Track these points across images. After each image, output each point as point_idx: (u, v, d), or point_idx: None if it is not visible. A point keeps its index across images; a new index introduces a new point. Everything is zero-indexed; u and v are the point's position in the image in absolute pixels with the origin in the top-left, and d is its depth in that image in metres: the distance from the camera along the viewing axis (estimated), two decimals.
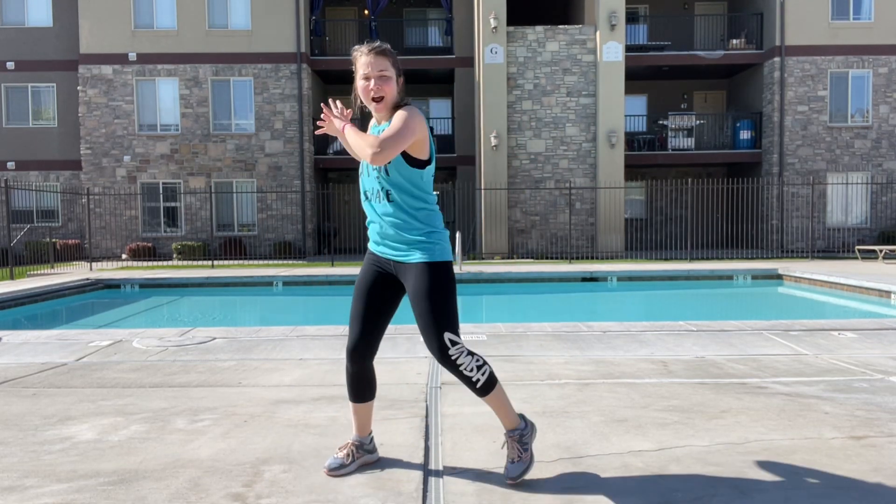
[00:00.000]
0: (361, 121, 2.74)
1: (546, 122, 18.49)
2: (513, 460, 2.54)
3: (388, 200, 2.51)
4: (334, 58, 20.24)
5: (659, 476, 2.59)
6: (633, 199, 21.88)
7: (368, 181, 2.57)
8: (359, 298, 2.61)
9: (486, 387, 2.52)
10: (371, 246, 2.65)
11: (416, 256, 2.50)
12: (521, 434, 2.58)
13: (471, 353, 2.50)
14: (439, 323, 2.45)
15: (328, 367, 4.62)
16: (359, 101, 2.57)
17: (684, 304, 10.98)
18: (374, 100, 2.49)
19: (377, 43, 2.51)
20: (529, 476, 2.57)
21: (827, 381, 4.08)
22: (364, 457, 2.70)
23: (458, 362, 2.46)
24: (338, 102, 2.59)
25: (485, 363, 2.53)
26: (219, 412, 3.53)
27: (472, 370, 2.48)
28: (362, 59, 2.49)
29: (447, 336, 2.45)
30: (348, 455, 2.64)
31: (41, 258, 17.35)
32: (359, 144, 2.38)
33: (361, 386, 2.66)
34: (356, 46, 2.55)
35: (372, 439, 2.76)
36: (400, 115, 2.42)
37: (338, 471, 2.60)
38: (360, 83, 2.51)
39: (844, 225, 19.32)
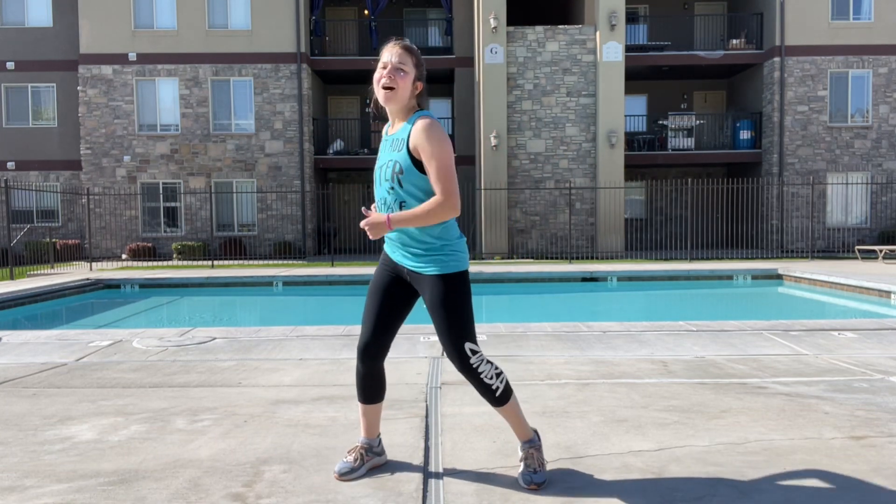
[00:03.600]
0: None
1: (546, 122, 18.48)
2: (535, 469, 2.53)
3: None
4: (334, 58, 20.25)
5: (659, 476, 2.59)
6: (633, 199, 21.88)
7: (381, 191, 2.51)
8: (372, 297, 2.59)
9: (504, 396, 2.52)
10: (387, 248, 2.60)
11: (431, 269, 2.47)
12: (538, 444, 2.60)
13: (489, 362, 2.51)
14: (458, 333, 2.45)
15: (328, 368, 4.62)
16: (373, 102, 2.52)
17: (684, 304, 10.98)
18: (384, 87, 2.42)
19: (406, 41, 2.50)
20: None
21: (827, 381, 4.08)
22: (373, 459, 2.68)
23: (479, 370, 2.47)
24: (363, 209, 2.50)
25: (501, 372, 2.54)
26: (219, 412, 3.53)
27: (491, 378, 2.49)
28: (385, 51, 2.47)
29: (467, 346, 2.46)
30: (356, 459, 2.63)
31: (41, 258, 17.35)
32: (431, 215, 2.36)
33: (371, 386, 2.63)
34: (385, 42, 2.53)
35: (380, 441, 2.74)
36: (432, 137, 2.36)
37: (348, 475, 2.58)
38: (377, 72, 2.46)
39: (844, 225, 19.32)
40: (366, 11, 21.11)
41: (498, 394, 2.50)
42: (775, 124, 19.05)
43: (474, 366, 2.46)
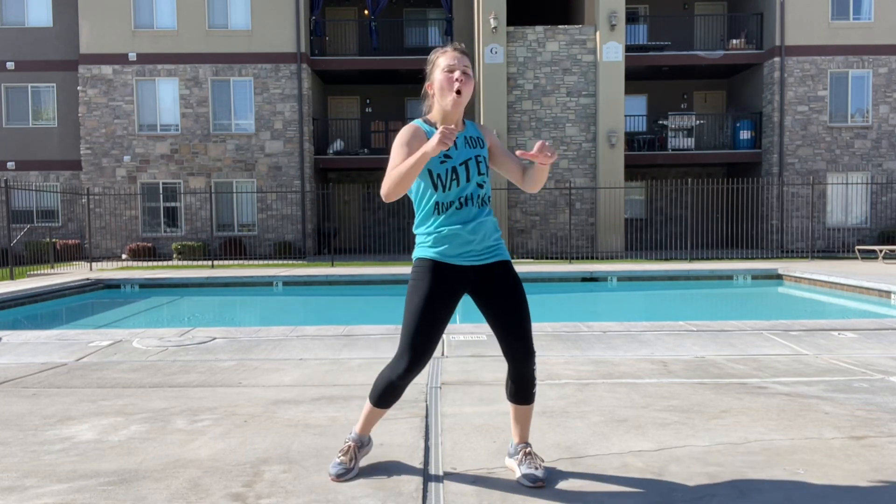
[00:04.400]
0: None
1: (546, 122, 18.49)
2: (537, 467, 2.56)
3: (489, 205, 2.58)
4: (334, 58, 20.24)
5: (659, 476, 2.59)
6: (633, 199, 21.88)
7: (468, 187, 2.48)
8: (427, 316, 2.44)
9: (535, 392, 2.61)
10: (442, 258, 2.49)
11: (504, 253, 2.59)
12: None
13: None
14: (531, 323, 2.55)
15: (328, 368, 4.62)
16: (428, 99, 2.58)
17: (684, 304, 10.98)
18: (456, 91, 2.43)
19: (461, 45, 2.56)
20: None
21: (827, 381, 4.08)
22: (363, 449, 2.69)
23: (535, 364, 2.56)
24: None
25: None
26: (219, 412, 3.53)
27: (536, 374, 2.58)
28: (447, 55, 2.50)
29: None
30: (350, 459, 2.62)
31: (41, 258, 17.35)
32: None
33: (395, 397, 2.61)
34: (436, 48, 2.58)
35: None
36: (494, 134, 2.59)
37: (344, 476, 2.58)
38: (441, 76, 2.47)
39: (844, 225, 19.32)
40: (366, 11, 21.11)
41: (535, 389, 2.60)
42: (775, 124, 19.05)
43: (536, 354, 2.54)
